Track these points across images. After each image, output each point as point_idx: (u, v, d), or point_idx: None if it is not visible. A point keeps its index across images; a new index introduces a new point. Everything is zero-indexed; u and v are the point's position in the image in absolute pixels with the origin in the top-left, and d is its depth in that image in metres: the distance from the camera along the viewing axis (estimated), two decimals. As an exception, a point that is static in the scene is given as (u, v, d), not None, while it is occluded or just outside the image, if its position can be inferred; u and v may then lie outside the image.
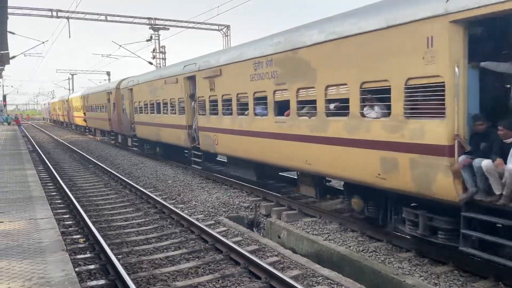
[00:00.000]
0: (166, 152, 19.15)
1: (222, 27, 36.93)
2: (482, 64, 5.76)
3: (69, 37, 32.10)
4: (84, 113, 36.11)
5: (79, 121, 40.28)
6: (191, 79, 14.32)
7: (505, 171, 5.21)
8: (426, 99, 6.15)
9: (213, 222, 9.43)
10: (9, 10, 24.14)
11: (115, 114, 24.68)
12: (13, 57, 37.31)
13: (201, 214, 10.15)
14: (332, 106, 7.98)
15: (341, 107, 7.72)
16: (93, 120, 33.28)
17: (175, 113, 15.77)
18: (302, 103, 8.81)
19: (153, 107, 18.16)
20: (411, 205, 6.94)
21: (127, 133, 22.90)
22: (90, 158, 20.22)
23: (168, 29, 36.25)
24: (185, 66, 14.87)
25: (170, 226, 9.15)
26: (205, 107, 13.21)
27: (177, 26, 35.92)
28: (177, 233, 8.62)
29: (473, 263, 6.28)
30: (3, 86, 62.61)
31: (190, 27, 35.74)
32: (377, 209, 7.74)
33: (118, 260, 6.68)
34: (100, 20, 33.35)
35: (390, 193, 7.11)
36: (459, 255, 6.46)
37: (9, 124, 51.82)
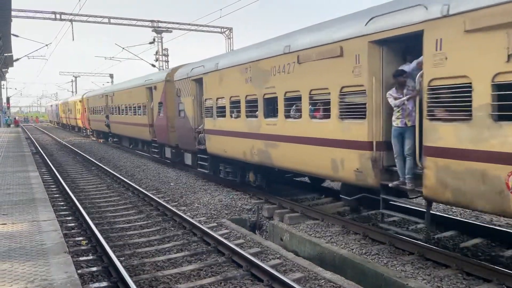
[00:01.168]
0: (268, 182, 11.81)
1: (225, 29, 37.04)
2: None
3: (73, 39, 32.20)
4: (107, 116, 28.19)
5: (98, 126, 32.01)
6: (400, 41, 7.04)
7: None
8: None
9: (215, 224, 9.43)
10: (13, 13, 24.30)
11: (162, 117, 17.53)
12: (17, 59, 37.61)
13: (204, 216, 10.15)
14: None
15: None
16: (121, 125, 24.80)
17: (326, 117, 8.17)
18: None
19: (255, 106, 10.48)
20: None
21: (188, 146, 14.90)
22: (93, 160, 20.27)
23: (171, 31, 36.45)
24: (372, 19, 7.13)
25: (172, 229, 9.15)
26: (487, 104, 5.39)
27: (180, 29, 36.11)
28: (179, 235, 8.63)
29: (476, 266, 6.26)
30: (6, 88, 62.88)
31: (193, 30, 35.89)
32: None
33: (121, 262, 6.69)
34: (103, 23, 33.56)
35: None
36: (462, 258, 6.44)
37: (8, 126, 52.06)
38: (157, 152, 19.61)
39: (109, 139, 30.90)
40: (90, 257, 7.27)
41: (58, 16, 31.20)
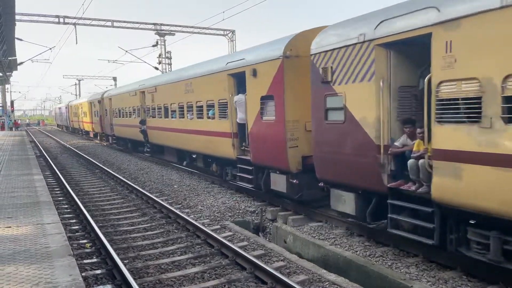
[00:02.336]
0: None
1: (228, 32, 37.08)
2: None
3: (76, 43, 32.28)
4: (142, 121, 21.12)
5: (126, 133, 25.36)
6: None
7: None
8: None
9: (219, 226, 9.44)
10: (17, 17, 24.40)
11: (273, 122, 10.20)
12: (21, 63, 37.75)
13: (207, 218, 10.16)
14: None
15: None
16: (169, 134, 17.50)
17: None
18: None
19: None
20: None
21: (354, 179, 7.84)
22: (97, 163, 20.31)
23: (173, 34, 36.50)
24: None
25: (176, 231, 9.16)
26: None
27: (183, 32, 36.15)
28: (183, 238, 8.63)
29: (482, 268, 6.22)
30: (10, 92, 63.17)
31: (195, 32, 35.92)
32: None
33: (125, 265, 6.70)
34: (107, 26, 33.62)
35: None
36: (467, 260, 6.41)
37: (11, 129, 52.28)
38: (249, 179, 11.55)
39: (145, 150, 22.99)
40: (94, 260, 7.28)
41: (61, 20, 31.31)
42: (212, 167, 14.47)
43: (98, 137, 36.35)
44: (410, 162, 6.63)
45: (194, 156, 16.63)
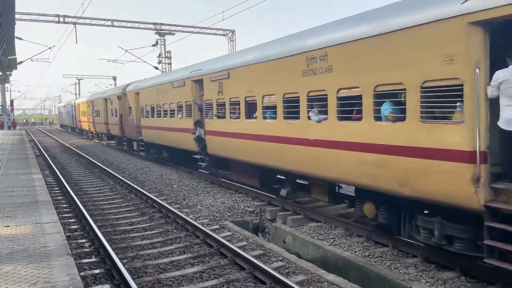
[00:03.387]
0: None
1: (228, 32, 37.07)
2: None
3: (76, 42, 32.27)
4: (197, 123, 14.46)
5: (165, 138, 18.31)
6: None
7: None
8: None
9: (218, 226, 9.43)
10: (17, 16, 24.41)
11: None
12: (21, 62, 37.77)
13: (206, 218, 10.15)
14: None
15: None
16: (252, 144, 10.99)
17: None
18: None
19: None
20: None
21: None
22: (96, 162, 20.30)
23: (173, 34, 36.50)
24: None
25: (175, 231, 9.15)
26: None
27: (183, 31, 36.15)
28: (182, 237, 8.62)
29: (480, 269, 6.22)
30: (10, 91, 63.18)
31: (195, 32, 35.92)
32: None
33: (123, 264, 6.69)
34: (107, 26, 33.62)
35: None
36: (466, 261, 6.41)
37: (10, 128, 52.17)
38: None
39: (201, 166, 14.84)
40: (93, 259, 7.27)
41: (61, 19, 31.29)
42: (364, 209, 7.97)
43: (117, 141, 30.13)
44: None
45: (304, 182, 11.39)
